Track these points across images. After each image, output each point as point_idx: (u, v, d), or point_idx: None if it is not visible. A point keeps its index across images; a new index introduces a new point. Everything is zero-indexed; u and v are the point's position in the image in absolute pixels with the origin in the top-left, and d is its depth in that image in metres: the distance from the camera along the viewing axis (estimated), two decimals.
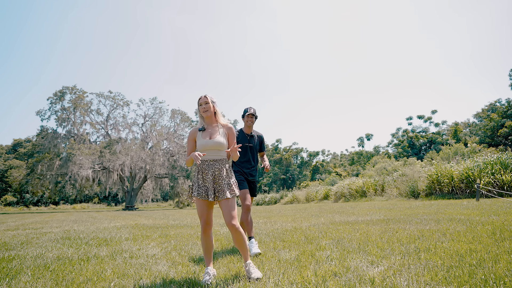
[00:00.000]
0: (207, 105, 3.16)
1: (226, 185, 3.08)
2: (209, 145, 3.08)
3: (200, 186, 3.08)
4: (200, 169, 3.10)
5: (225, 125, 3.22)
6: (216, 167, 3.09)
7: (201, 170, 3.10)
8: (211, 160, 3.10)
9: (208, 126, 3.20)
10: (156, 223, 10.32)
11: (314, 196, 26.74)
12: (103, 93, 39.48)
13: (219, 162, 3.12)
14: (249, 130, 4.55)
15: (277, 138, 69.26)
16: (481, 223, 5.42)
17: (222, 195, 3.03)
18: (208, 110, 3.15)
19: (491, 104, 47.67)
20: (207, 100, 3.16)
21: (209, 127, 3.19)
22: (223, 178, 3.08)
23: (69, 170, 34.13)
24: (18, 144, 67.28)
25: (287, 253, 3.95)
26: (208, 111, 3.15)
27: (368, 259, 3.38)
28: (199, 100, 3.20)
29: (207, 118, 3.20)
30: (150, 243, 5.43)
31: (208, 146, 3.08)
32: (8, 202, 59.05)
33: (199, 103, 3.19)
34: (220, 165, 3.11)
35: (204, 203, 3.08)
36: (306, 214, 10.73)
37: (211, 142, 3.09)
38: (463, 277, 2.51)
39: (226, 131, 3.20)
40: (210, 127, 3.19)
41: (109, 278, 3.12)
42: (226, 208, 3.04)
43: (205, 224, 3.09)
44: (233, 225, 3.01)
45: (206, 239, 3.10)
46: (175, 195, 41.45)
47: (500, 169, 13.54)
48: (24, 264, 3.99)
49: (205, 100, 3.16)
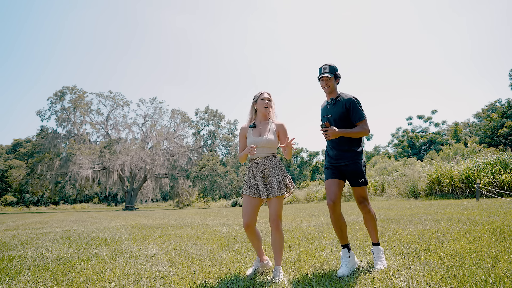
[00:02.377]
0: (270, 102, 3.19)
1: (276, 182, 3.06)
2: (260, 142, 3.09)
3: (251, 184, 3.09)
4: (250, 167, 3.14)
5: (277, 122, 3.23)
6: (265, 165, 3.10)
7: (251, 168, 3.12)
8: (260, 158, 3.11)
9: (259, 123, 3.21)
10: (156, 223, 10.32)
11: (314, 196, 26.74)
12: (103, 93, 39.50)
13: (268, 159, 3.12)
14: (329, 95, 3.26)
15: None
16: (481, 223, 5.42)
17: (273, 193, 3.02)
18: (269, 106, 3.18)
19: (491, 104, 47.67)
20: (270, 97, 3.21)
21: (259, 124, 3.20)
22: (273, 175, 3.08)
23: (69, 170, 34.13)
24: (18, 144, 67.27)
25: (287, 253, 3.96)
26: (269, 107, 3.18)
27: (368, 259, 3.38)
28: (260, 94, 3.19)
29: (263, 115, 3.21)
30: (150, 243, 5.43)
31: (258, 143, 3.08)
32: (8, 202, 59.03)
33: (260, 97, 3.18)
34: (270, 162, 3.11)
35: (254, 201, 3.08)
36: (306, 214, 10.73)
37: (261, 140, 3.09)
38: (463, 277, 2.51)
39: (277, 128, 3.19)
40: (261, 124, 3.20)
41: (109, 278, 3.12)
42: (273, 206, 3.03)
43: (249, 221, 3.05)
44: (276, 225, 2.99)
45: (251, 235, 3.09)
46: (175, 195, 41.43)
47: (500, 169, 13.54)
48: (24, 264, 3.99)
49: (269, 97, 3.20)
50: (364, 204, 3.18)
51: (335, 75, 3.21)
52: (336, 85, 3.27)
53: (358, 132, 3.09)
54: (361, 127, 3.12)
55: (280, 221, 3.01)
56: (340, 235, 3.12)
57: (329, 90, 3.23)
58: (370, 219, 3.21)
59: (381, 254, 3.15)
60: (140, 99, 43.17)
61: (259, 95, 3.21)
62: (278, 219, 3.00)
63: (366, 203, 3.18)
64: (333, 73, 3.19)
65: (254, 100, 3.23)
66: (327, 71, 3.18)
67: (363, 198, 3.18)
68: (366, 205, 3.19)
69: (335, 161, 3.20)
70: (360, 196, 3.19)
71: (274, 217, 3.00)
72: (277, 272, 2.86)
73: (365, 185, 3.18)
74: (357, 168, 3.15)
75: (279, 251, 2.99)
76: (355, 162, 3.16)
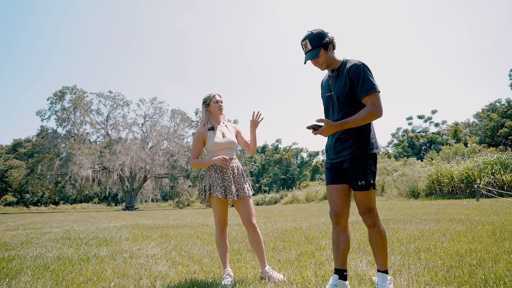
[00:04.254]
0: (223, 103, 3.16)
1: (244, 183, 3.05)
2: (225, 143, 3.04)
3: (220, 186, 2.96)
4: (217, 168, 3.01)
5: (230, 124, 3.23)
6: (234, 165, 3.05)
7: (220, 168, 3.00)
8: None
9: (216, 125, 3.16)
10: (156, 223, 10.32)
11: (314, 196, 26.72)
12: (103, 93, 39.46)
13: (235, 160, 3.10)
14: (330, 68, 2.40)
15: (277, 138, 69.36)
16: (481, 223, 5.41)
17: (243, 193, 2.98)
18: (223, 108, 3.15)
19: (491, 104, 47.66)
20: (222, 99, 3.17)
21: (217, 126, 3.15)
22: (242, 176, 3.06)
23: (69, 170, 34.11)
24: (18, 144, 67.27)
25: (287, 253, 3.95)
26: (223, 109, 3.15)
27: (368, 259, 3.38)
28: (212, 97, 3.11)
29: (219, 116, 3.17)
30: (150, 243, 5.42)
31: (223, 145, 3.04)
32: (8, 202, 59.00)
33: (214, 100, 3.10)
34: (237, 163, 3.09)
35: (224, 204, 3.00)
36: (306, 214, 10.73)
37: (226, 141, 3.05)
38: (463, 277, 2.51)
39: (234, 129, 3.21)
40: (219, 126, 3.16)
41: (109, 278, 3.12)
42: (246, 207, 2.98)
43: (225, 225, 3.03)
44: (254, 225, 2.96)
45: (223, 240, 3.03)
46: (175, 195, 41.41)
47: (500, 169, 13.54)
48: (24, 264, 3.99)
49: (221, 99, 3.15)
50: (367, 215, 2.25)
51: (323, 45, 2.30)
52: (333, 54, 2.36)
53: (365, 117, 2.16)
54: (369, 106, 2.18)
55: (255, 221, 3.00)
56: (336, 254, 2.32)
57: (325, 67, 2.38)
58: (376, 235, 2.27)
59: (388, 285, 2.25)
60: (140, 99, 43.20)
61: (210, 97, 3.11)
62: (253, 219, 2.99)
63: (369, 215, 2.25)
64: (319, 45, 2.29)
65: (205, 102, 3.13)
66: (310, 48, 2.30)
67: (366, 208, 2.24)
68: (370, 217, 2.25)
69: (334, 156, 2.34)
70: (360, 204, 2.26)
71: (250, 217, 2.96)
72: (272, 272, 2.86)
73: (367, 189, 2.22)
74: (359, 163, 2.23)
75: (263, 251, 2.97)
76: (358, 156, 2.24)
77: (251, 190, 3.06)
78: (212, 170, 3.02)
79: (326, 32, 2.33)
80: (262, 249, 2.97)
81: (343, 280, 2.29)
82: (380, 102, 2.19)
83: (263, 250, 2.97)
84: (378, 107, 2.17)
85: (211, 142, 3.03)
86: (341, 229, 2.31)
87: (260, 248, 2.96)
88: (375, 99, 2.18)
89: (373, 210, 2.25)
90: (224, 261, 3.01)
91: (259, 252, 2.95)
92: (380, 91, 2.20)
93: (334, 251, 2.33)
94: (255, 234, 2.97)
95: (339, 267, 2.30)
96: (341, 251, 2.30)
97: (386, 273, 2.28)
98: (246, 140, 3.19)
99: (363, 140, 2.25)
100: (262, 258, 2.94)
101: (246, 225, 2.97)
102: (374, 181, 2.25)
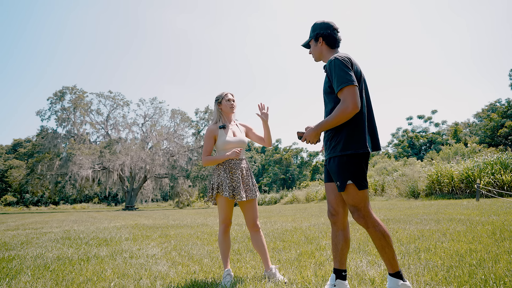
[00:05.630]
0: (235, 103, 3.15)
1: (253, 184, 3.05)
2: (236, 142, 3.03)
3: (228, 186, 2.94)
4: (227, 167, 2.99)
5: (240, 123, 3.23)
6: (243, 166, 3.05)
7: (229, 168, 2.99)
8: (238, 159, 3.05)
9: (228, 123, 3.15)
10: (156, 223, 10.32)
11: (314, 196, 26.72)
12: (103, 93, 39.48)
13: (244, 161, 3.09)
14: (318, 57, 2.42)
15: (277, 138, 69.17)
16: (481, 223, 5.41)
17: (251, 195, 2.99)
18: (235, 107, 3.15)
19: (491, 104, 47.69)
20: (234, 98, 3.16)
21: (229, 125, 3.14)
22: (250, 177, 3.06)
23: (69, 170, 34.12)
24: (18, 144, 67.26)
25: (287, 253, 3.95)
26: (235, 107, 3.15)
27: (368, 259, 3.38)
28: (225, 95, 3.11)
29: (230, 115, 3.17)
30: (150, 243, 5.43)
31: (234, 144, 3.03)
32: (8, 202, 59.01)
33: (226, 98, 3.10)
34: (246, 164, 3.09)
35: (230, 203, 2.99)
36: (306, 214, 10.73)
37: (237, 140, 3.04)
38: (463, 277, 2.51)
39: (244, 129, 3.22)
40: (230, 125, 3.15)
41: (109, 278, 3.12)
42: (252, 208, 2.99)
43: (229, 224, 3.02)
44: (258, 226, 2.99)
45: (227, 239, 3.02)
46: (175, 195, 41.41)
47: (500, 169, 13.54)
48: (24, 264, 3.99)
49: (233, 98, 3.15)
50: (355, 216, 2.16)
51: (314, 37, 2.31)
52: (324, 49, 2.32)
53: (337, 115, 2.08)
54: (341, 103, 2.07)
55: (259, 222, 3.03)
56: (334, 254, 2.28)
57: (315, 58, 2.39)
58: (372, 237, 2.15)
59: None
60: (140, 99, 43.18)
61: (223, 96, 3.12)
62: (258, 221, 3.02)
63: (356, 215, 2.16)
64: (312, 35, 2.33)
65: (217, 100, 3.13)
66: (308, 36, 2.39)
67: (352, 208, 2.16)
68: (358, 218, 2.15)
69: (326, 154, 2.30)
70: (347, 204, 2.20)
71: (255, 219, 2.99)
72: (276, 271, 2.86)
73: (341, 190, 2.15)
74: (334, 164, 2.19)
75: (266, 252, 2.98)
76: (334, 157, 2.19)
77: (257, 192, 3.07)
78: (221, 169, 2.99)
79: (324, 26, 2.31)
80: (266, 249, 2.98)
81: (342, 280, 2.27)
82: (353, 96, 2.05)
83: (266, 250, 2.98)
84: (348, 102, 2.04)
85: (222, 140, 3.02)
86: (339, 228, 2.29)
87: (263, 249, 2.97)
88: (346, 94, 2.05)
89: (359, 210, 2.15)
90: (225, 260, 3.01)
91: (262, 253, 2.96)
92: (354, 85, 2.06)
93: (333, 250, 2.31)
94: (259, 235, 2.99)
95: (337, 267, 2.29)
96: (339, 251, 2.27)
97: (397, 277, 2.11)
98: (259, 135, 3.19)
99: (339, 140, 2.17)
100: (266, 258, 2.95)
101: (251, 226, 2.98)
102: (358, 181, 2.13)
